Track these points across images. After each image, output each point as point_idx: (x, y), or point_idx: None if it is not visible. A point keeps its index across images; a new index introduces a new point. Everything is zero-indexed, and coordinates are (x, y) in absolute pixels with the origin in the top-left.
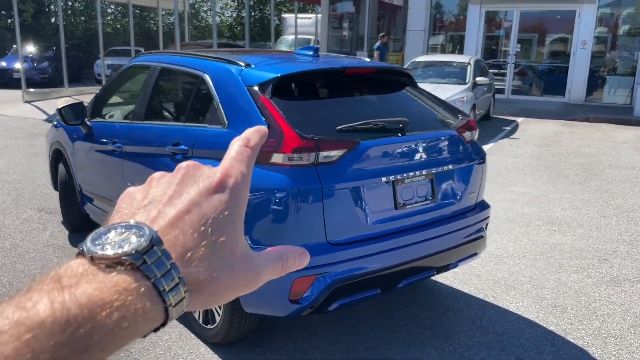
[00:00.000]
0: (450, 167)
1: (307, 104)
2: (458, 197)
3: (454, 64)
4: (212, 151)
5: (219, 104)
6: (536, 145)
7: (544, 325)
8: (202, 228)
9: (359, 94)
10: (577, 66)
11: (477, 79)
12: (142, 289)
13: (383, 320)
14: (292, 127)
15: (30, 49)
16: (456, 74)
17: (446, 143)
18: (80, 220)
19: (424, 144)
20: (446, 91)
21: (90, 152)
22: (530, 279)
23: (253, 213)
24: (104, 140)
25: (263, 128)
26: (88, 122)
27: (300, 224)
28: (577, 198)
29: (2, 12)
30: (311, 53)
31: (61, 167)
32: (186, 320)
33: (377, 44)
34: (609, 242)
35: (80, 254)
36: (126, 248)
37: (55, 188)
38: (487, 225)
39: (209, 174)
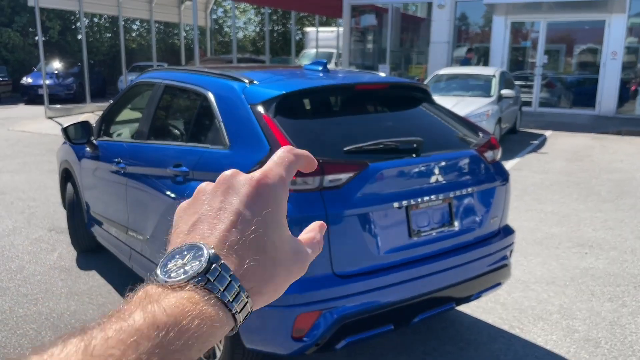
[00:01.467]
0: (470, 190)
1: (313, 123)
2: (479, 223)
3: (478, 77)
4: (212, 174)
5: (221, 123)
6: (565, 160)
7: None
8: (252, 235)
9: (370, 111)
10: (608, 77)
11: (503, 91)
12: (212, 301)
13: (399, 356)
14: None
15: (56, 65)
16: (480, 87)
17: (465, 163)
18: (88, 242)
19: (440, 165)
20: (470, 104)
21: (96, 171)
22: (560, 308)
23: None
24: (109, 160)
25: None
26: (94, 141)
27: None
28: (610, 217)
29: (30, 29)
30: (320, 68)
31: (69, 186)
32: None
33: (463, 59)
34: None
35: (152, 282)
36: (190, 272)
37: (65, 207)
38: (511, 252)
39: (247, 181)
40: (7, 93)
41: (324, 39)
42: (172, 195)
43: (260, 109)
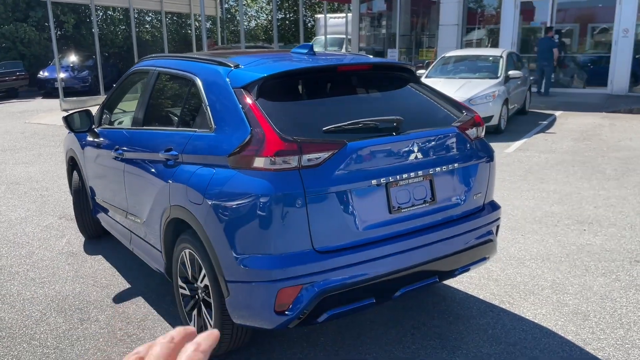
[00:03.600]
0: (451, 166)
1: (295, 105)
2: (462, 199)
3: (486, 58)
4: (199, 156)
5: (207, 107)
6: (573, 140)
7: (562, 335)
8: None
9: (353, 92)
10: (620, 55)
11: (510, 72)
12: None
13: (388, 330)
14: (276, 130)
15: (72, 58)
16: (488, 68)
17: (446, 141)
18: (94, 228)
19: (420, 143)
20: (476, 86)
21: (98, 159)
22: (553, 283)
23: (236, 220)
24: (108, 147)
25: (215, 332)
26: (96, 130)
27: (284, 232)
28: (613, 195)
29: (46, 23)
30: (306, 51)
31: (75, 174)
32: None
33: (545, 38)
34: None
35: None
36: None
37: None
38: (498, 227)
39: None
40: (24, 87)
41: (334, 25)
42: (165, 178)
43: (243, 92)
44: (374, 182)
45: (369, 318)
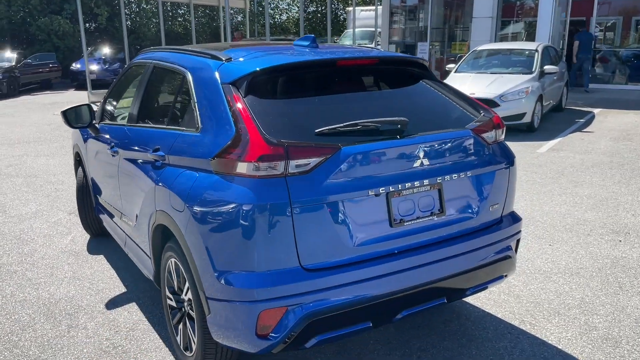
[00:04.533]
0: (463, 174)
1: (288, 103)
2: (475, 210)
3: (520, 52)
4: (184, 158)
5: (195, 104)
6: (612, 140)
7: None
8: None
9: (355, 90)
10: None
11: (545, 67)
12: None
13: (392, 351)
14: (262, 131)
15: (104, 51)
16: (522, 63)
17: (459, 145)
18: (98, 225)
19: (427, 148)
20: (508, 82)
21: (97, 156)
22: (581, 302)
23: (216, 232)
24: (105, 144)
25: None
26: (97, 125)
27: (268, 246)
28: None
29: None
30: (307, 43)
31: (80, 170)
32: (171, 344)
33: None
34: None
35: None
36: None
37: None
38: (518, 241)
39: None
40: (57, 79)
41: (365, 17)
42: (152, 180)
43: (232, 88)
44: (371, 192)
45: (373, 337)
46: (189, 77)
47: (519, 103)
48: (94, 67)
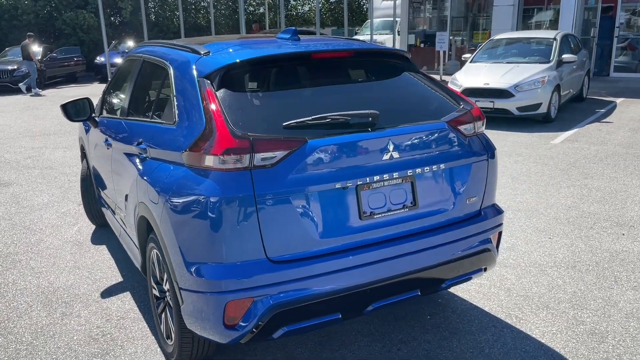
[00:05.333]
0: (437, 167)
1: (260, 96)
2: (450, 203)
3: (538, 41)
4: (161, 151)
5: (174, 98)
6: (630, 130)
7: (570, 359)
8: None
9: (331, 83)
10: None
11: (564, 56)
12: None
13: (372, 343)
14: (229, 125)
15: (128, 44)
16: (539, 52)
17: (432, 138)
18: (101, 217)
19: (398, 141)
20: (524, 71)
21: (96, 148)
22: (573, 296)
23: (185, 224)
24: (102, 136)
25: None
26: (96, 118)
27: (234, 239)
28: None
29: (107, 10)
30: (289, 36)
31: (84, 162)
32: (157, 332)
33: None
34: None
35: None
36: None
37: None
38: (500, 234)
39: None
40: (82, 72)
41: (386, 7)
42: (136, 172)
43: (206, 81)
44: (338, 185)
45: (355, 328)
46: (171, 71)
47: (534, 93)
48: (118, 60)
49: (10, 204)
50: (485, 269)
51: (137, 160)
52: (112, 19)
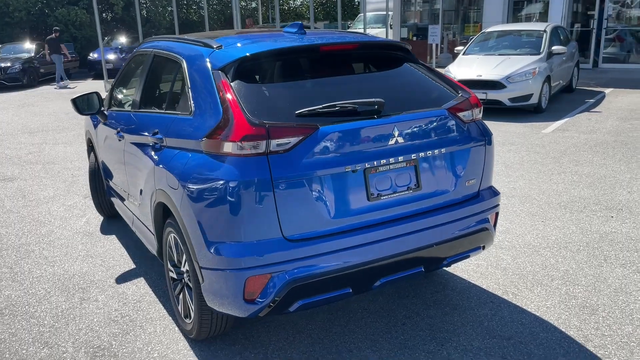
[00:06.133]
0: (438, 151)
1: (272, 87)
2: (451, 185)
3: (528, 33)
4: (179, 140)
5: (189, 90)
6: (619, 119)
7: (563, 330)
8: None
9: (338, 73)
10: None
11: (554, 48)
12: None
13: (379, 319)
14: (246, 113)
15: (121, 40)
16: (530, 44)
17: (433, 124)
18: (109, 207)
19: (403, 127)
20: (516, 63)
21: (106, 141)
22: (565, 274)
23: (206, 206)
24: (112, 129)
25: None
26: (105, 112)
27: (252, 219)
28: None
29: (99, 6)
30: (295, 30)
31: (92, 155)
32: (174, 314)
33: None
34: None
35: None
36: None
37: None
38: (497, 214)
39: None
40: (75, 68)
41: (378, 1)
42: (152, 161)
43: (220, 73)
44: (348, 168)
45: (362, 305)
46: (184, 64)
47: (525, 84)
48: (111, 56)
49: (16, 197)
50: (483, 247)
51: (153, 150)
52: (104, 15)
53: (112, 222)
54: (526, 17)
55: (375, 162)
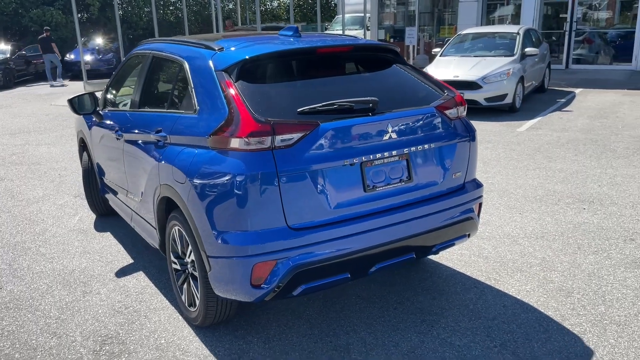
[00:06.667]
0: (427, 146)
1: (274, 87)
2: (439, 177)
3: (502, 35)
4: (184, 137)
5: (192, 89)
6: (589, 118)
7: (542, 310)
8: None
9: (333, 74)
10: None
11: (526, 49)
12: None
13: (372, 304)
14: (251, 111)
15: (97, 41)
16: (504, 46)
17: (423, 121)
18: (103, 205)
19: (395, 123)
20: (491, 64)
21: (102, 140)
22: (542, 261)
23: (214, 199)
24: (110, 128)
25: None
26: (100, 112)
27: (258, 209)
28: (620, 173)
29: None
30: (291, 33)
31: (85, 154)
32: (176, 304)
33: None
34: None
35: None
36: None
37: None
38: (480, 205)
39: None
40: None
41: (355, 3)
42: (155, 158)
43: (224, 74)
44: (347, 162)
45: (356, 293)
46: (186, 65)
47: (500, 85)
48: (88, 57)
49: (5, 198)
50: (469, 235)
51: (155, 147)
52: (80, 15)
53: (105, 220)
54: (499, 19)
55: (371, 156)
